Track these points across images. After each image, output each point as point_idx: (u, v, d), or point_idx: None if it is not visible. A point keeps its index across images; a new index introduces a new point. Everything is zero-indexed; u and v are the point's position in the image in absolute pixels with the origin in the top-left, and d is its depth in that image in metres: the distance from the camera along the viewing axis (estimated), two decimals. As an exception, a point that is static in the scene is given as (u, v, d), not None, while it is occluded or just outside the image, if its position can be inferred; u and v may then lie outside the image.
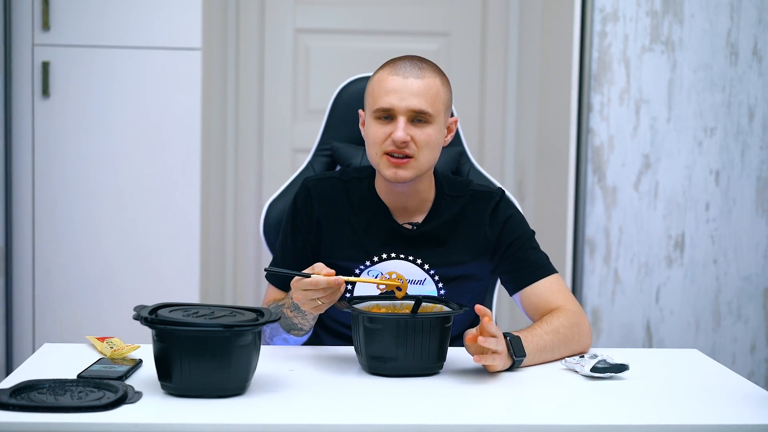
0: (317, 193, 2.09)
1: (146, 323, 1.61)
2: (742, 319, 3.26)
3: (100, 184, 3.17)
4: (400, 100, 1.94)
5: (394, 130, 1.94)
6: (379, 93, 1.96)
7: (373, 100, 1.97)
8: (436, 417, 1.58)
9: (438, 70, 2.01)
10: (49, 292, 3.19)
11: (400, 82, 1.95)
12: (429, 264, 2.04)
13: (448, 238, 2.04)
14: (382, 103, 1.95)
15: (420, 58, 2.01)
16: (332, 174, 2.15)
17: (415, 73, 1.96)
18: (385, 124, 1.96)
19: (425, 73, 1.97)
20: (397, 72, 1.96)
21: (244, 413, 1.56)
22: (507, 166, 3.89)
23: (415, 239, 2.04)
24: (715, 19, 3.17)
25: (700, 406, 1.67)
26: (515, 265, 2.04)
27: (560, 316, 1.94)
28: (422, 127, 1.95)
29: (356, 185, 2.09)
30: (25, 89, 3.12)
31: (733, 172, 3.22)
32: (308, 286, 1.79)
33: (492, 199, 2.08)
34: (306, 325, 1.94)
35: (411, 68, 1.97)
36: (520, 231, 2.06)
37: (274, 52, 3.82)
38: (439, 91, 1.97)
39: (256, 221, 3.82)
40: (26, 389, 1.59)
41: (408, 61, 1.98)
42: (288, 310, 1.93)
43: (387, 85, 1.95)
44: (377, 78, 1.99)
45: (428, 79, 1.96)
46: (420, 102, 1.94)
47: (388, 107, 1.94)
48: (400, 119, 1.94)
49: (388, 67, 1.99)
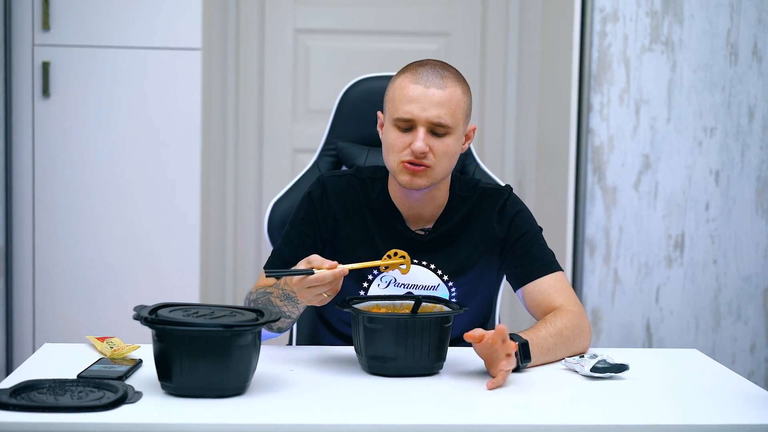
0: (334, 191, 2.07)
1: (146, 323, 1.61)
2: (742, 319, 3.26)
3: (100, 184, 3.17)
4: (421, 110, 1.92)
5: (413, 140, 1.93)
6: (400, 101, 1.95)
7: (394, 108, 1.96)
8: (436, 417, 1.58)
9: (459, 77, 1.99)
10: (49, 292, 3.19)
11: (422, 91, 1.93)
12: (442, 269, 2.04)
13: (458, 238, 2.05)
14: (403, 113, 1.93)
15: (442, 65, 1.99)
16: (347, 172, 2.13)
17: (437, 83, 1.94)
18: (404, 133, 1.95)
19: (447, 82, 1.95)
20: (419, 80, 1.94)
21: (244, 413, 1.56)
22: (507, 166, 3.89)
23: (427, 244, 2.04)
24: (715, 19, 3.17)
25: (700, 406, 1.67)
26: (520, 260, 2.04)
27: (563, 318, 1.93)
28: (441, 138, 1.94)
29: (371, 186, 2.08)
30: (25, 89, 3.13)
31: (733, 172, 3.22)
32: (314, 283, 1.77)
33: (501, 197, 2.08)
34: (295, 313, 1.91)
35: (433, 77, 1.94)
36: (528, 227, 2.06)
37: (274, 52, 3.82)
38: (460, 101, 1.96)
39: (256, 221, 3.82)
40: (26, 389, 1.59)
41: (430, 69, 1.96)
42: (277, 300, 1.90)
43: (408, 93, 1.94)
44: (398, 84, 1.97)
45: (450, 89, 1.94)
46: (440, 113, 1.92)
47: (408, 117, 1.93)
48: (420, 130, 1.93)
49: (410, 74, 1.97)
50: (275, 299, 1.91)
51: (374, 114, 2.42)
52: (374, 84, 2.41)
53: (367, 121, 2.39)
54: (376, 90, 2.40)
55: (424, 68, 1.96)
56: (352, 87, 2.42)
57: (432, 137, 1.94)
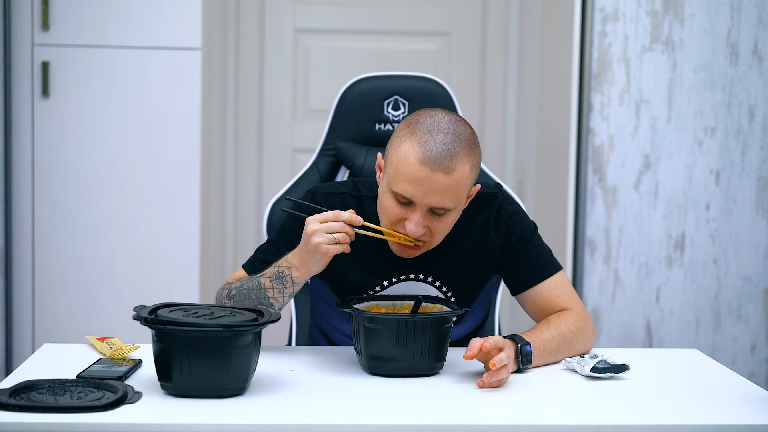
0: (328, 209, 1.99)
1: (146, 323, 1.61)
2: (742, 319, 3.25)
3: (100, 183, 3.17)
4: (423, 195, 1.80)
5: (409, 218, 1.83)
6: (402, 176, 1.81)
7: (395, 177, 1.82)
8: (436, 417, 1.58)
9: (470, 149, 1.84)
10: (49, 292, 3.19)
11: (427, 175, 1.79)
12: (440, 281, 1.99)
13: (457, 249, 2.00)
14: (402, 191, 1.81)
15: (455, 136, 1.82)
16: (343, 188, 2.03)
17: (444, 166, 1.79)
18: (401, 206, 1.84)
19: (455, 163, 1.80)
20: (426, 161, 1.79)
21: (244, 413, 1.56)
22: (507, 165, 3.89)
23: (424, 259, 1.98)
24: (716, 19, 3.17)
25: (700, 406, 1.67)
26: (518, 265, 1.99)
27: (567, 320, 1.92)
28: (441, 217, 1.85)
29: (368, 204, 2.00)
30: (25, 89, 3.12)
31: (733, 172, 3.21)
32: (329, 218, 1.76)
33: (495, 201, 2.01)
34: (279, 300, 1.85)
35: (442, 157, 1.79)
36: (524, 230, 2.01)
37: (274, 52, 3.82)
38: (466, 180, 1.83)
39: (256, 221, 3.82)
40: (26, 389, 1.59)
41: (440, 143, 1.80)
42: (267, 280, 1.85)
43: (411, 173, 1.80)
44: (403, 154, 1.81)
45: (457, 173, 1.80)
46: (443, 199, 1.81)
47: (408, 197, 1.82)
48: (418, 212, 1.82)
49: (417, 146, 1.80)
50: (265, 280, 1.86)
51: (373, 114, 2.41)
52: (373, 84, 2.41)
53: (366, 120, 2.39)
54: (375, 90, 2.40)
55: (433, 140, 1.80)
56: (351, 87, 2.41)
57: (430, 216, 1.85)
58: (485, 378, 1.70)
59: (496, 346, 1.73)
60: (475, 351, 1.72)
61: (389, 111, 2.39)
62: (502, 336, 1.82)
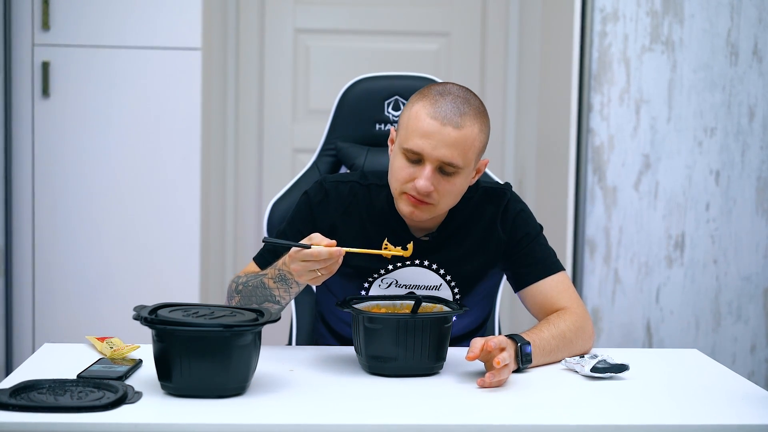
0: (335, 197, 2.02)
1: (146, 323, 1.61)
2: (742, 319, 3.25)
3: (100, 184, 3.17)
4: (432, 148, 1.85)
5: (419, 175, 1.86)
6: (413, 132, 1.87)
7: (406, 136, 1.88)
8: (436, 417, 1.58)
9: (479, 113, 1.90)
10: (49, 292, 3.19)
11: (436, 128, 1.85)
12: (444, 268, 2.01)
13: (462, 239, 2.02)
14: (413, 146, 1.86)
15: (464, 97, 1.89)
16: (351, 177, 2.06)
17: (454, 120, 1.85)
18: (411, 165, 1.88)
19: (465, 120, 1.86)
20: (436, 114, 1.85)
21: (244, 413, 1.56)
22: (507, 165, 3.89)
23: (431, 247, 2.01)
24: (715, 19, 3.17)
25: (700, 406, 1.67)
26: (522, 262, 2.02)
27: (567, 320, 1.93)
28: (449, 177, 1.88)
29: (376, 192, 2.02)
30: (25, 89, 3.12)
31: (733, 172, 3.21)
32: (309, 257, 1.75)
33: (504, 197, 2.04)
34: (285, 298, 1.88)
35: (451, 113, 1.85)
36: (529, 227, 2.03)
37: (274, 52, 3.82)
38: (475, 140, 1.88)
39: (256, 221, 3.82)
40: (26, 389, 1.59)
41: (451, 102, 1.87)
42: (271, 281, 1.87)
43: (422, 126, 1.85)
44: (415, 112, 1.88)
45: (466, 129, 1.86)
46: (452, 154, 1.85)
47: (418, 151, 1.86)
48: (428, 167, 1.86)
49: (428, 103, 1.88)
50: (269, 280, 1.88)
51: (373, 114, 2.41)
52: (373, 84, 2.41)
53: (367, 120, 2.40)
54: (375, 90, 2.40)
55: (444, 100, 1.87)
56: (352, 87, 2.42)
57: (439, 175, 1.88)
58: (486, 378, 1.70)
59: (499, 345, 1.73)
60: (477, 351, 1.72)
61: (389, 111, 2.39)
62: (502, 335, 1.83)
